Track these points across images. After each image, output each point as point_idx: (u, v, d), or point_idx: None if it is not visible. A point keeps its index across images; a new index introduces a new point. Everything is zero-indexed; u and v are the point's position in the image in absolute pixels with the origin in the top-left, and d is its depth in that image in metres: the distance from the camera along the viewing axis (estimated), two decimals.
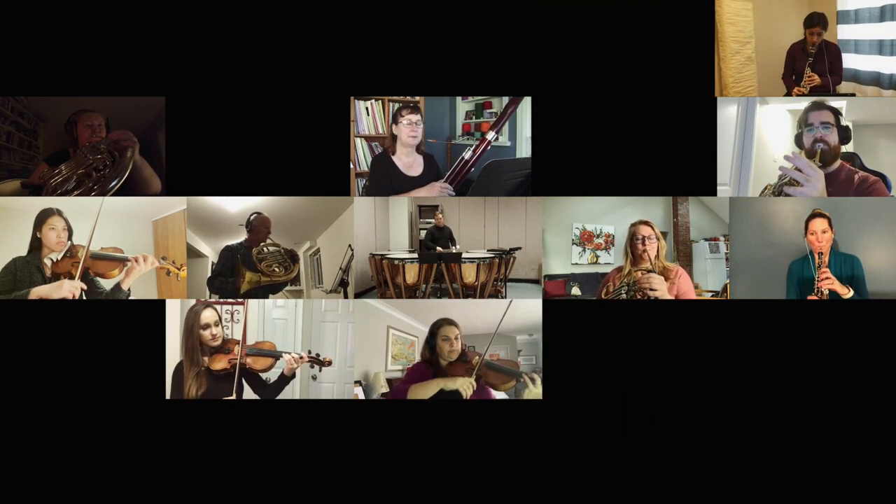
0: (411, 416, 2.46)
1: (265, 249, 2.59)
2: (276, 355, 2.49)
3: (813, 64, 2.58)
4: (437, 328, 2.50)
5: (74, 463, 2.43)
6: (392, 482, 2.45)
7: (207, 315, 2.48)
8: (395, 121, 2.68)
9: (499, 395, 2.48)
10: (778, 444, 2.45)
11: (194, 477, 2.44)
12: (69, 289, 2.40)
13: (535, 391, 2.44)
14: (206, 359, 2.48)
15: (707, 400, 2.45)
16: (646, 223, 2.50)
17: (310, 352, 2.50)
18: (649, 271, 2.45)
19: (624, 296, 2.47)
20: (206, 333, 2.47)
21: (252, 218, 2.57)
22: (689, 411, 2.46)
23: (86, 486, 2.43)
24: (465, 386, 2.43)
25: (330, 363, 2.50)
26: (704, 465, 2.46)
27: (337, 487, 2.45)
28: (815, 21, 2.59)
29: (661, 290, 2.44)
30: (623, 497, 2.45)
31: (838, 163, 2.48)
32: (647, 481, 2.47)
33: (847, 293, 2.44)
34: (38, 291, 2.41)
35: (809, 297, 2.44)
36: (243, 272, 2.56)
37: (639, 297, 2.45)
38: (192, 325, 2.47)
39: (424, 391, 2.45)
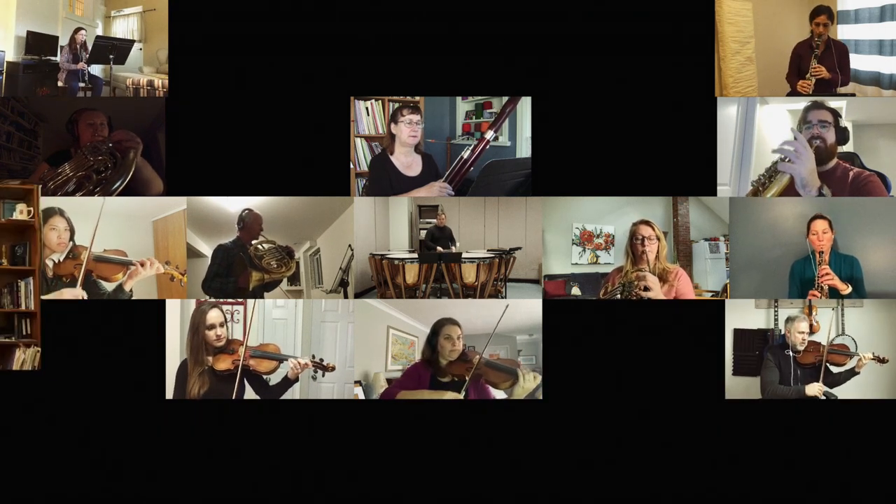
0: (411, 416, 2.46)
1: (261, 247, 2.58)
2: (281, 358, 2.49)
3: (820, 58, 2.56)
4: (440, 327, 2.51)
5: (75, 462, 2.43)
6: (392, 482, 2.45)
7: (213, 316, 2.48)
8: (395, 120, 2.67)
9: (498, 393, 2.48)
10: (778, 443, 2.45)
11: (194, 477, 2.44)
12: (70, 297, 2.41)
13: (525, 386, 2.43)
14: (209, 358, 2.48)
15: (706, 400, 2.46)
16: (647, 223, 2.50)
17: (313, 357, 2.49)
18: (646, 272, 2.45)
19: (619, 296, 2.47)
20: (211, 334, 2.47)
21: (244, 214, 2.55)
22: (689, 411, 2.46)
23: (86, 486, 2.43)
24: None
25: (333, 368, 2.50)
26: (704, 465, 2.46)
27: (337, 487, 2.45)
28: (821, 10, 2.55)
29: (655, 290, 2.44)
30: (623, 496, 2.46)
31: (834, 161, 2.48)
32: (646, 481, 2.47)
33: (846, 290, 2.45)
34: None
35: (810, 293, 2.46)
36: (250, 272, 2.55)
37: (633, 297, 2.45)
38: (197, 325, 2.47)
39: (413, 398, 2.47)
